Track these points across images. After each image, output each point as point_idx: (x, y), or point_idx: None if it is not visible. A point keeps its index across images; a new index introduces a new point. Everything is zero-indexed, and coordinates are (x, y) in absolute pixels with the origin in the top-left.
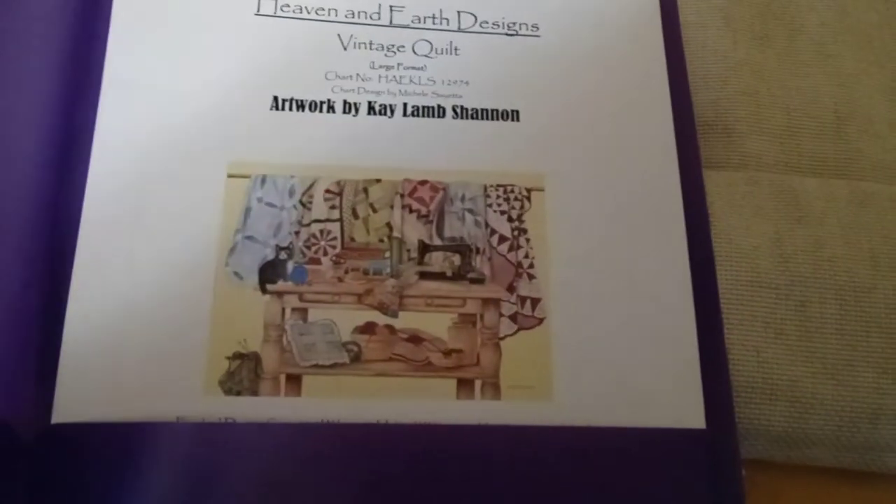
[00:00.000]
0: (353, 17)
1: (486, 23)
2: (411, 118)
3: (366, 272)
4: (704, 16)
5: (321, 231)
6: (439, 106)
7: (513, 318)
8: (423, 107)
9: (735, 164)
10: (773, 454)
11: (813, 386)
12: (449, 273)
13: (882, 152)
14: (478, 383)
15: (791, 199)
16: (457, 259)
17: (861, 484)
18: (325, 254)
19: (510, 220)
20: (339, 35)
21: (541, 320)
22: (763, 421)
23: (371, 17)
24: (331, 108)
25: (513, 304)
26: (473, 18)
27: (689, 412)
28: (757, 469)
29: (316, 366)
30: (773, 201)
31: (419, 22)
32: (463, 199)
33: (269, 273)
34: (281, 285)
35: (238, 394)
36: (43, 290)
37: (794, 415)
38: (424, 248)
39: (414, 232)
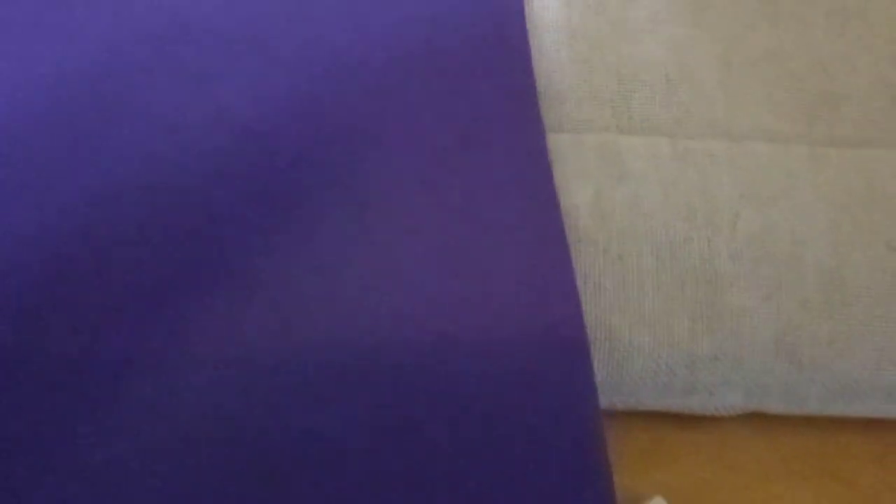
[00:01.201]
0: None
1: None
2: None
3: None
4: None
5: None
6: None
7: None
8: None
9: (567, 129)
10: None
11: (630, 335)
12: None
13: (711, 112)
14: None
15: (615, 158)
16: None
17: (685, 426)
18: None
19: None
20: None
21: None
22: None
23: None
24: None
25: None
26: None
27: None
28: None
29: None
30: (596, 161)
31: None
32: None
33: None
34: None
35: None
36: None
37: (612, 363)
38: None
39: None
